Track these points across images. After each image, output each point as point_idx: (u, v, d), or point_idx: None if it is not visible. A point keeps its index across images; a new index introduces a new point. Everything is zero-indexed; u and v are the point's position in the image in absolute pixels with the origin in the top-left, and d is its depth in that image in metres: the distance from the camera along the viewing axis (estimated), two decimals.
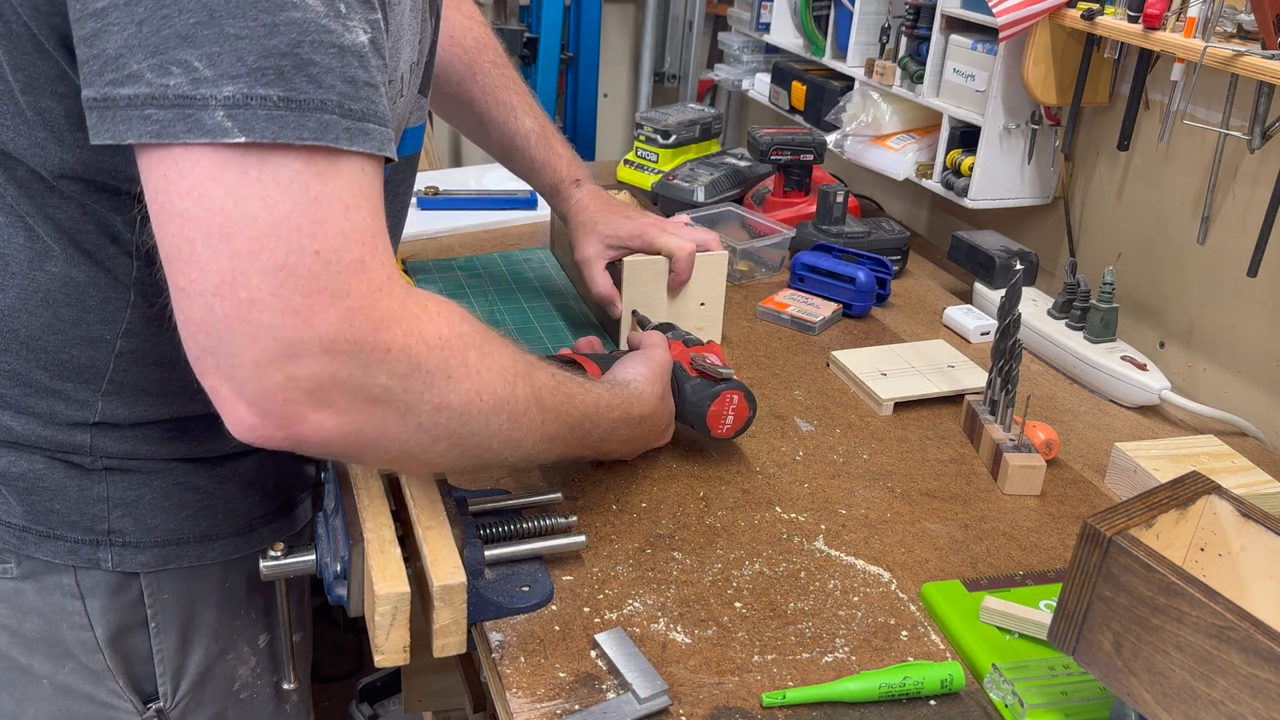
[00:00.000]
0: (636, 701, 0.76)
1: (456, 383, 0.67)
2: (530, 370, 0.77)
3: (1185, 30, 1.14)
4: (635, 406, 0.93)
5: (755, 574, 0.91)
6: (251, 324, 0.57)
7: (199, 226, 0.57)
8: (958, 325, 1.40)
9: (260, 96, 0.56)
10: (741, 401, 1.03)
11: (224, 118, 0.56)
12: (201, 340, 0.59)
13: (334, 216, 0.58)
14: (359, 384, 0.61)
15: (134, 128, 0.57)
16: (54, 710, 0.89)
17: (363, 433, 0.64)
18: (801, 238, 1.50)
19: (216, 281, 0.57)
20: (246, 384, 0.59)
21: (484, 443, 0.73)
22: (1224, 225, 1.27)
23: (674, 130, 1.77)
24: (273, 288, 0.57)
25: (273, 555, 0.82)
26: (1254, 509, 0.74)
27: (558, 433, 0.81)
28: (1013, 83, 1.41)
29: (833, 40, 1.80)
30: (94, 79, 0.58)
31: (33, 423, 0.79)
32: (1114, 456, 1.09)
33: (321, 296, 0.58)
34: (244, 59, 0.56)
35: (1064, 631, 0.73)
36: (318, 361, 0.59)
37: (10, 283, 0.75)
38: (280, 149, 0.57)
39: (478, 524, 0.90)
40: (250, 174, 0.56)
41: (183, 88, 0.55)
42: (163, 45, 0.55)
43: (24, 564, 0.83)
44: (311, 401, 0.60)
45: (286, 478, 0.93)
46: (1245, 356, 1.26)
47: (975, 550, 0.97)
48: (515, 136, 1.26)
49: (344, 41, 0.58)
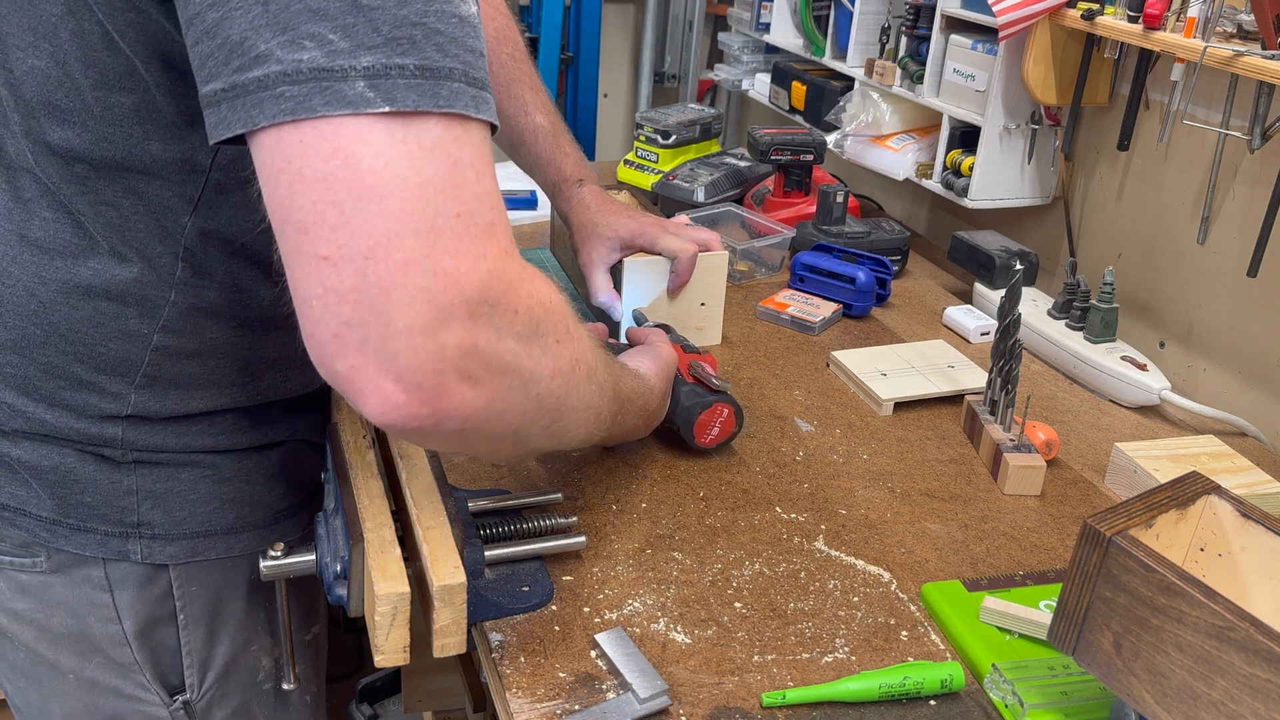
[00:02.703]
0: (636, 701, 0.76)
1: (564, 347, 0.68)
2: (600, 345, 0.78)
3: (1185, 30, 1.14)
4: (649, 399, 0.95)
5: (755, 574, 0.91)
6: (408, 287, 0.55)
7: (348, 189, 0.55)
8: (958, 325, 1.40)
9: (399, 66, 0.55)
10: (730, 416, 1.05)
11: (365, 88, 0.55)
12: (346, 312, 0.56)
13: (470, 180, 0.58)
14: (494, 350, 0.60)
15: (265, 109, 0.55)
16: (80, 704, 0.90)
17: (492, 405, 0.62)
18: (801, 238, 1.50)
19: (370, 244, 0.55)
20: (400, 355, 0.56)
21: (579, 416, 0.73)
22: (1224, 225, 1.27)
23: (674, 130, 1.77)
24: (425, 249, 0.56)
25: (272, 555, 0.82)
26: (1254, 509, 0.74)
27: (613, 411, 0.82)
28: (1013, 83, 1.41)
29: (833, 40, 1.80)
30: (220, 70, 0.56)
31: (65, 415, 0.80)
32: (1114, 456, 1.09)
33: (467, 258, 0.57)
34: (379, 29, 0.55)
35: (1064, 631, 0.73)
36: (463, 327, 0.58)
37: (53, 276, 0.76)
38: (421, 115, 0.56)
39: (478, 524, 0.90)
40: (397, 136, 0.55)
41: (318, 60, 0.54)
42: (292, 21, 0.54)
43: (53, 557, 0.84)
44: (457, 373, 0.58)
45: (310, 470, 0.94)
46: (1245, 356, 1.26)
47: (975, 550, 0.97)
48: (524, 131, 1.26)
49: (461, 11, 0.58)
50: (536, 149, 1.26)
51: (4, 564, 0.85)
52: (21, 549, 0.84)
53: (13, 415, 0.80)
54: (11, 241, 0.76)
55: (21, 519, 0.83)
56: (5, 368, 0.79)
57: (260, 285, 0.81)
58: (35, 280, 0.76)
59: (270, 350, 0.85)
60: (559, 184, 1.27)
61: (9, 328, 0.78)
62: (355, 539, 0.77)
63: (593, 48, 2.45)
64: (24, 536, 0.83)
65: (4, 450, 0.81)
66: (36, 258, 0.76)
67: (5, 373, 0.79)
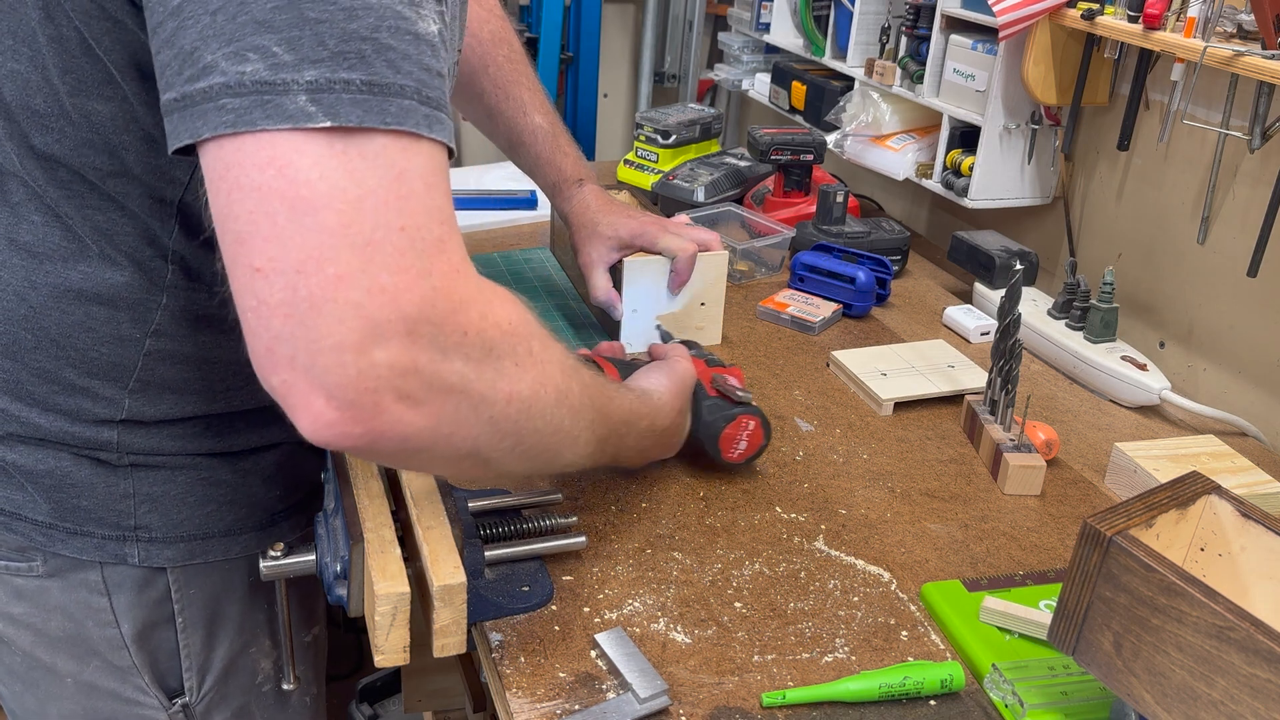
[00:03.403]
0: (636, 701, 0.76)
1: (524, 370, 0.65)
2: (578, 367, 0.75)
3: (1185, 30, 1.14)
4: (659, 418, 0.91)
5: (755, 574, 0.91)
6: (339, 302, 0.54)
7: (282, 200, 0.54)
8: (958, 325, 1.40)
9: (344, 80, 0.54)
10: (757, 428, 1.01)
11: (307, 102, 0.54)
12: (277, 326, 0.55)
13: (418, 192, 0.57)
14: (436, 370, 0.58)
15: (209, 120, 0.54)
16: (78, 708, 0.89)
17: (438, 428, 0.61)
18: (801, 238, 1.50)
19: (302, 258, 0.54)
20: (329, 371, 0.55)
21: (545, 440, 0.70)
22: (1224, 225, 1.27)
23: (674, 130, 1.77)
24: (361, 263, 0.54)
25: (272, 555, 0.82)
26: (1254, 509, 0.74)
27: (603, 435, 0.79)
28: (1013, 83, 1.41)
29: (833, 40, 1.80)
30: (174, 80, 0.56)
31: (60, 420, 0.79)
32: (1114, 456, 1.09)
33: (408, 275, 0.56)
34: (325, 43, 0.54)
35: (1064, 631, 0.73)
36: (400, 345, 0.56)
37: (44, 280, 0.75)
38: (366, 131, 0.55)
39: (478, 524, 0.90)
40: (336, 148, 0.54)
41: (260, 74, 0.53)
42: (238, 33, 0.53)
43: (50, 561, 0.84)
44: (393, 392, 0.57)
45: (307, 471, 0.93)
46: (1245, 356, 1.26)
47: (975, 550, 0.97)
48: (523, 132, 1.26)
49: (418, 29, 0.57)
50: (536, 149, 1.26)
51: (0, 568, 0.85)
52: (17, 553, 0.84)
53: (6, 420, 0.80)
54: (1, 246, 0.75)
55: (17, 523, 0.82)
56: None
57: None
58: (26, 285, 0.76)
59: None
60: (559, 184, 1.27)
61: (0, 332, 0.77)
62: (355, 539, 0.77)
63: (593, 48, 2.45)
64: (20, 541, 0.83)
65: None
66: (26, 262, 0.75)
67: None
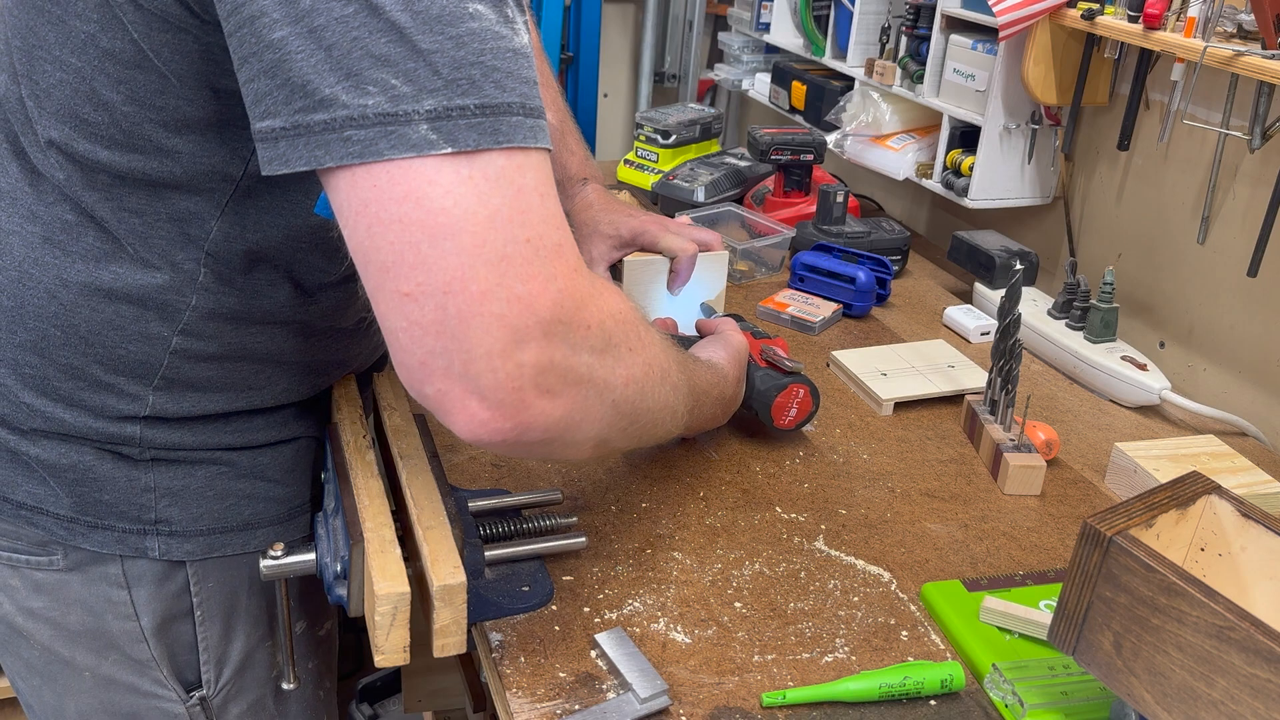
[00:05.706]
0: (636, 701, 0.76)
1: (636, 354, 0.72)
2: (670, 344, 0.82)
3: (1185, 30, 1.14)
4: (726, 388, 0.99)
5: (755, 574, 0.91)
6: (485, 315, 0.59)
7: (422, 229, 0.58)
8: (958, 325, 1.40)
9: (460, 107, 0.58)
10: (806, 396, 1.07)
11: (428, 130, 0.58)
12: (430, 343, 0.60)
13: (535, 205, 0.61)
14: (569, 364, 0.64)
15: (333, 151, 0.58)
16: (96, 702, 0.90)
17: (571, 415, 0.66)
18: (801, 238, 1.50)
19: (447, 279, 0.59)
20: (481, 377, 0.61)
21: (655, 416, 0.77)
22: (1224, 225, 1.27)
23: (674, 130, 1.77)
24: (498, 278, 0.59)
25: (272, 555, 0.82)
26: (1254, 509, 0.74)
27: (690, 405, 0.86)
28: (1013, 83, 1.41)
29: (833, 40, 1.80)
30: (279, 108, 0.59)
31: (84, 415, 0.80)
32: (1114, 456, 1.09)
33: (537, 281, 0.61)
34: (439, 72, 0.58)
35: (1064, 631, 0.73)
36: (539, 346, 0.61)
37: (75, 279, 0.77)
38: (482, 152, 0.59)
39: (478, 524, 0.90)
40: (462, 173, 0.59)
41: (382, 106, 0.57)
42: (356, 66, 0.57)
43: (70, 555, 0.85)
44: (536, 388, 0.62)
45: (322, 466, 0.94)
46: (1245, 356, 1.26)
47: (975, 550, 0.97)
48: None
49: (514, 45, 0.61)
50: None
51: (20, 562, 0.85)
52: (38, 547, 0.85)
53: (31, 415, 0.80)
54: (34, 244, 0.76)
55: (39, 517, 0.83)
56: (24, 368, 0.79)
57: (279, 290, 0.82)
58: (57, 283, 0.77)
59: (287, 355, 0.85)
60: (563, 182, 1.27)
61: (29, 329, 0.78)
62: (355, 539, 0.77)
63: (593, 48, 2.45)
64: (41, 535, 0.84)
65: (22, 449, 0.82)
66: (59, 260, 0.76)
67: (24, 373, 0.79)
